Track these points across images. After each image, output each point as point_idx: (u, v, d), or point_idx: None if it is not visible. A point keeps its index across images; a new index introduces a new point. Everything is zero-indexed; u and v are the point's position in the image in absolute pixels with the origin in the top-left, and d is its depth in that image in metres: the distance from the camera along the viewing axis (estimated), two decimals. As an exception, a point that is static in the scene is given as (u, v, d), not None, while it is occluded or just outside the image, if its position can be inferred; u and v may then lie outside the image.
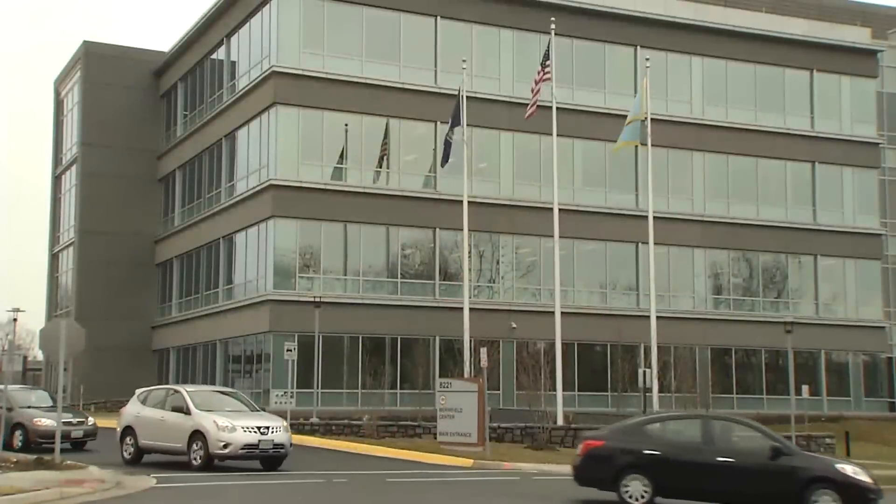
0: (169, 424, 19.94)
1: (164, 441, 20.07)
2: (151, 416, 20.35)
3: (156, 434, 20.15)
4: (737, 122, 43.15)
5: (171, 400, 20.52)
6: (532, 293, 40.01)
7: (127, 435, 20.69)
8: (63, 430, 20.85)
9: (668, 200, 40.78)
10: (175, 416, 19.90)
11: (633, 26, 41.74)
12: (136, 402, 21.18)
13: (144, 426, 20.36)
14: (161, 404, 20.57)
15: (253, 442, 19.14)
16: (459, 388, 25.76)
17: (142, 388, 22.31)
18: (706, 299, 42.84)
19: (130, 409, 21.07)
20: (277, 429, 19.64)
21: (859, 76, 45.27)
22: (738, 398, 41.80)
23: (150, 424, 20.26)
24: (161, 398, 20.89)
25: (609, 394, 38.77)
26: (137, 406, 20.94)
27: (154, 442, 20.27)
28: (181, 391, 20.64)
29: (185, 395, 20.25)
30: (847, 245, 44.07)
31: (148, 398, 21.18)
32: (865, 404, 43.56)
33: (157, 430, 20.12)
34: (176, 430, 19.70)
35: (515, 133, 39.39)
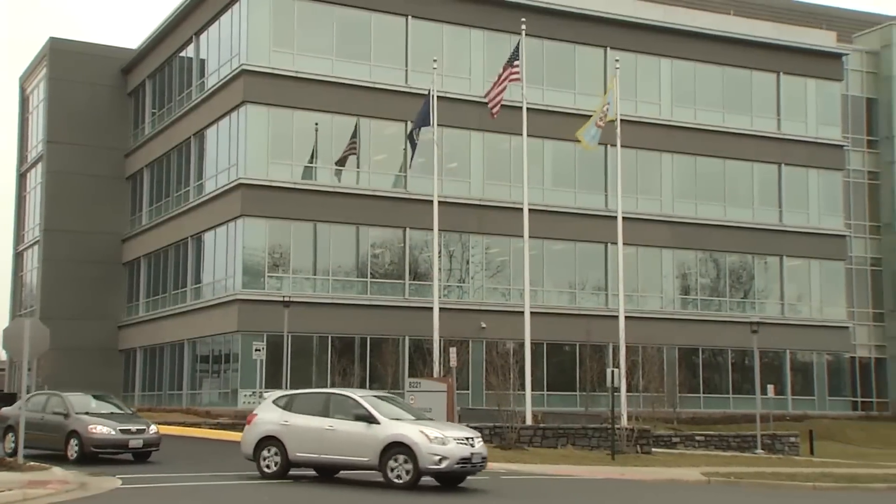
0: (344, 435, 17.07)
1: (334, 454, 17.22)
2: (310, 425, 17.37)
3: (319, 446, 17.25)
4: (705, 124, 43.54)
5: (337, 406, 17.62)
6: (502, 293, 40.12)
7: (267, 446, 17.66)
8: (120, 440, 20.53)
9: (637, 201, 41.05)
10: (351, 424, 17.09)
11: (603, 28, 41.98)
12: (275, 407, 18.09)
13: (298, 436, 17.40)
14: (323, 411, 17.58)
15: (466, 455, 16.88)
16: (429, 387, 25.79)
17: (276, 392, 19.52)
18: (674, 299, 43.19)
19: (268, 415, 17.95)
20: (479, 440, 17.61)
21: (825, 79, 45.84)
22: (704, 397, 42.20)
23: (307, 434, 17.34)
24: (319, 403, 17.87)
25: (578, 393, 38.98)
26: (279, 412, 17.85)
27: (317, 455, 17.37)
28: (353, 396, 17.80)
29: (363, 401, 17.48)
30: (812, 246, 44.62)
31: (294, 403, 18.06)
32: (829, 403, 44.11)
33: (322, 441, 17.23)
34: (357, 441, 16.95)
35: (486, 133, 39.50)
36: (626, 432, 27.72)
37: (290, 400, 18.26)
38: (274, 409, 18.03)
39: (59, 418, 21.21)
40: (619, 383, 28.32)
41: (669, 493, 19.41)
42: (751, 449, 31.59)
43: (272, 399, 18.49)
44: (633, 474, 21.93)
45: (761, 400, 34.95)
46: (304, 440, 17.37)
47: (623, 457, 25.55)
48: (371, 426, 16.96)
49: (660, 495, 19.00)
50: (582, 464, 23.78)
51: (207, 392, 38.97)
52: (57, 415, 21.36)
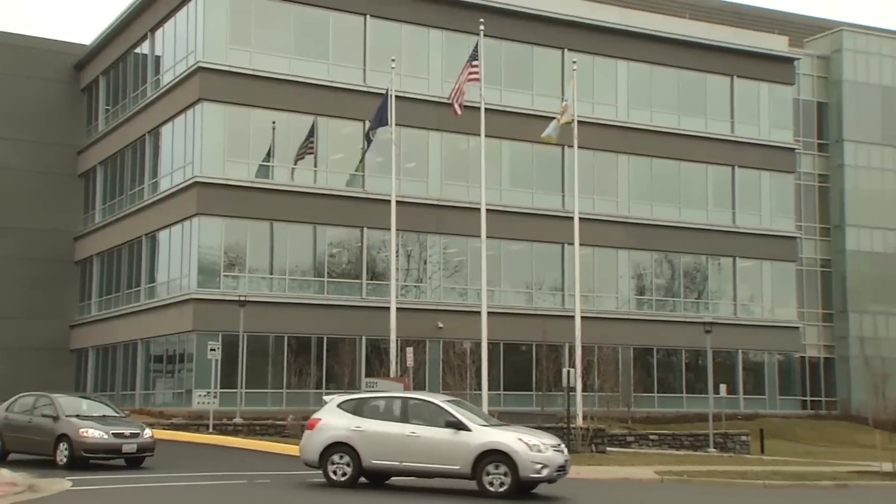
0: (430, 442, 16.43)
1: (417, 462, 16.55)
2: (388, 431, 16.71)
3: (400, 453, 16.57)
4: (660, 126, 44.00)
5: (417, 411, 16.99)
6: (459, 293, 40.20)
7: (336, 452, 16.85)
8: (113, 444, 19.69)
9: (594, 202, 41.38)
10: (437, 431, 16.45)
11: (561, 29, 42.25)
12: (342, 411, 17.21)
13: (374, 442, 16.68)
14: (401, 416, 16.96)
15: (562, 463, 16.59)
16: (385, 387, 25.75)
17: (339, 395, 18.26)
18: (629, 300, 43.60)
19: (334, 420, 17.10)
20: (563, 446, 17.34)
21: (777, 83, 46.57)
22: (659, 397, 42.67)
23: (386, 441, 16.66)
24: (396, 408, 17.24)
25: (534, 393, 39.18)
26: (348, 417, 17.01)
27: (397, 462, 16.67)
28: (435, 402, 17.22)
29: (449, 407, 16.91)
30: (764, 247, 45.31)
31: (364, 407, 17.26)
32: (780, 402, 44.83)
33: (403, 448, 16.53)
34: (446, 449, 16.32)
35: (444, 133, 39.56)
36: (581, 432, 27.96)
37: (359, 404, 17.39)
38: (341, 414, 17.14)
39: (48, 421, 20.18)
40: (574, 383, 28.52)
41: (623, 492, 19.59)
42: (703, 448, 32.01)
43: (336, 403, 17.50)
44: (587, 473, 22.10)
45: (714, 399, 35.43)
46: (382, 447, 16.67)
47: (578, 456, 25.71)
48: (460, 433, 16.40)
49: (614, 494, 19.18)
50: (537, 463, 23.86)
51: (161, 392, 38.55)
52: (46, 417, 20.34)
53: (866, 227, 48.76)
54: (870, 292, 48.39)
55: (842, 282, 48.58)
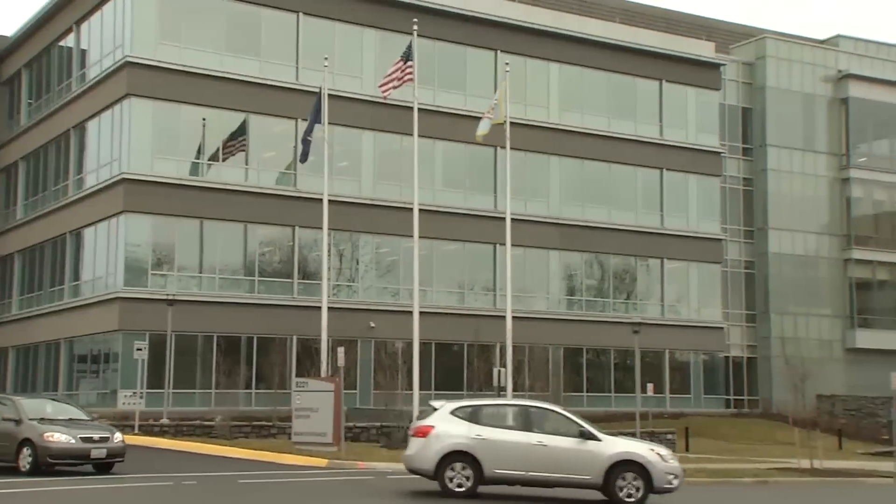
0: (559, 451, 16.38)
1: (545, 471, 16.39)
2: (513, 440, 16.50)
3: (526, 462, 16.37)
4: (591, 128, 44.56)
5: (541, 420, 16.88)
6: (391, 293, 40.15)
7: (456, 461, 16.33)
8: (81, 449, 18.74)
9: (526, 203, 41.70)
10: (564, 440, 16.47)
11: (494, 31, 42.49)
12: (458, 419, 16.75)
13: (497, 451, 16.35)
14: (523, 425, 16.73)
15: (679, 472, 16.91)
16: (316, 387, 25.60)
17: (451, 402, 17.48)
18: (560, 300, 44.07)
19: (451, 428, 16.57)
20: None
21: (704, 88, 47.52)
22: (588, 396, 43.20)
23: (510, 450, 16.41)
24: (517, 416, 16.95)
25: (465, 393, 39.26)
26: (465, 425, 16.60)
27: (523, 472, 16.44)
28: (559, 410, 17.33)
29: (575, 417, 17.11)
30: (691, 249, 46.21)
31: (481, 415, 16.86)
32: (705, 401, 45.79)
33: (530, 457, 16.35)
34: (577, 458, 16.36)
35: (377, 132, 39.49)
36: (511, 431, 28.10)
37: (475, 412, 16.96)
38: (458, 422, 16.66)
39: (10, 425, 19.06)
40: (505, 383, 28.73)
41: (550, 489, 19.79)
42: (631, 446, 32.45)
43: (449, 410, 16.91)
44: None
45: (641, 398, 36.06)
46: (507, 456, 16.37)
47: (508, 455, 25.90)
48: (588, 442, 16.45)
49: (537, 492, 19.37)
50: (468, 462, 23.96)
51: (85, 393, 37.67)
52: (6, 421, 19.21)
53: (788, 230, 50.09)
54: (791, 294, 49.71)
55: (764, 283, 49.80)
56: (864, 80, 51.62)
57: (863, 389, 46.93)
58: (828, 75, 51.62)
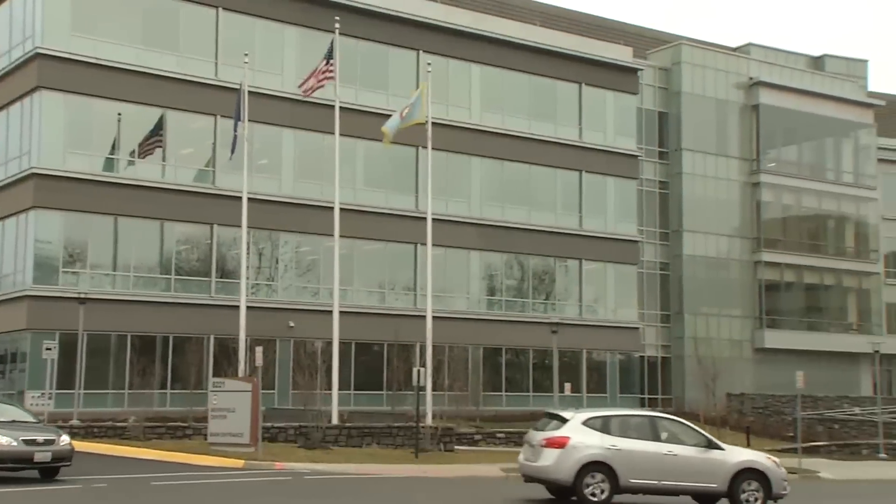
0: (687, 461, 16.98)
1: (675, 480, 16.96)
2: (646, 450, 16.90)
3: (658, 472, 16.86)
4: (512, 130, 44.98)
5: (666, 430, 17.44)
6: (311, 292, 39.89)
7: (593, 471, 16.59)
8: (24, 452, 17.73)
9: (447, 203, 41.87)
10: (691, 450, 17.07)
11: (416, 31, 42.56)
12: (591, 430, 17.01)
13: (632, 461, 16.74)
14: (652, 435, 17.18)
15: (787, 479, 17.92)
16: (233, 387, 25.30)
17: (581, 412, 17.70)
18: (480, 300, 44.37)
19: (586, 439, 16.84)
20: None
21: (622, 92, 48.38)
22: (507, 396, 43.62)
23: (644, 460, 16.83)
24: (644, 427, 17.34)
25: (385, 392, 39.33)
26: (598, 436, 16.90)
27: (655, 481, 16.93)
28: (682, 421, 18.12)
29: (697, 427, 18.07)
30: (608, 250, 47.02)
31: (609, 425, 17.20)
32: (620, 400, 46.59)
33: (662, 467, 16.86)
34: (704, 467, 16.96)
35: (298, 131, 39.18)
36: (430, 431, 28.28)
37: (606, 422, 17.25)
38: (591, 433, 16.92)
39: None
40: (424, 382, 28.81)
41: (468, 489, 19.97)
42: (548, 444, 32.88)
43: (581, 421, 17.13)
44: (435, 471, 22.42)
45: (559, 398, 36.57)
46: (640, 466, 16.75)
47: (427, 454, 26.07)
48: (712, 451, 17.11)
49: (459, 491, 19.51)
50: (386, 462, 24.07)
51: (-8, 394, 36.46)
52: None
53: (701, 233, 51.35)
54: (703, 295, 50.97)
55: (678, 284, 50.94)
56: (774, 88, 53.24)
57: (770, 388, 48.42)
58: (740, 82, 53.09)
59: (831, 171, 55.99)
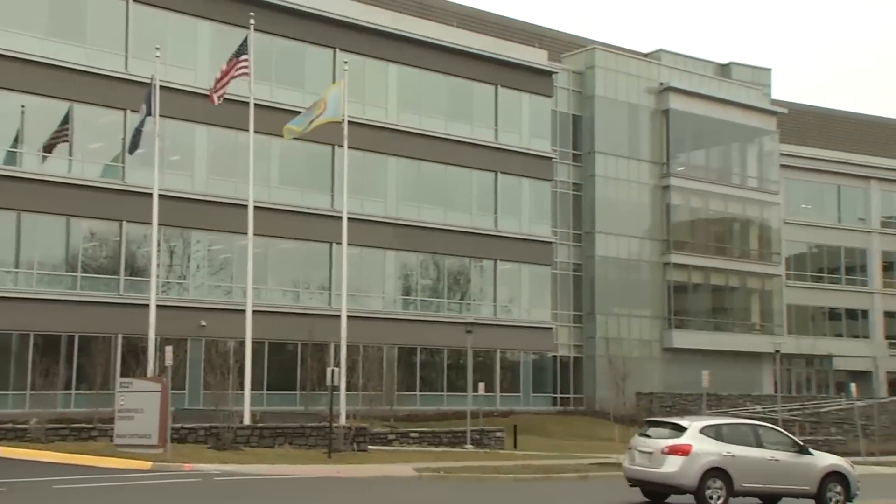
0: (786, 466, 18.31)
1: (777, 484, 18.36)
2: (754, 456, 18.14)
3: (765, 477, 18.14)
4: (429, 130, 45.11)
5: (767, 437, 18.76)
6: (224, 291, 39.32)
7: (713, 477, 17.68)
8: None
9: (363, 202, 41.76)
10: (787, 455, 18.46)
11: (333, 29, 42.33)
12: (708, 438, 18.06)
13: (744, 467, 17.92)
14: (756, 441, 18.42)
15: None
16: (141, 387, 24.76)
17: (697, 421, 18.81)
18: (395, 300, 44.38)
19: (706, 446, 17.88)
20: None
21: (537, 94, 48.98)
22: (421, 395, 43.74)
23: (754, 465, 18.05)
24: (748, 434, 18.57)
25: (298, 392, 39.01)
26: (715, 443, 17.99)
27: (761, 485, 18.26)
28: (777, 428, 19.92)
29: (790, 434, 19.68)
30: (523, 251, 47.55)
31: (721, 433, 18.29)
32: (533, 399, 47.24)
33: (767, 472, 18.13)
34: (799, 471, 18.41)
35: (211, 127, 38.56)
36: (343, 431, 28.15)
37: (718, 430, 18.35)
38: (708, 441, 17.98)
39: None
40: (338, 382, 28.66)
41: (381, 489, 19.98)
42: (461, 444, 33.16)
43: (698, 429, 18.17)
44: (348, 472, 22.35)
45: (472, 397, 36.83)
46: (751, 471, 17.94)
47: (340, 455, 25.96)
48: (804, 456, 18.59)
49: (372, 491, 19.51)
50: (298, 463, 23.89)
51: None
52: None
53: (613, 235, 52.33)
54: (615, 295, 51.95)
55: (591, 285, 51.81)
56: (683, 94, 54.60)
57: (678, 387, 49.67)
58: (651, 87, 54.28)
59: (737, 176, 57.70)
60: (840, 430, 44.34)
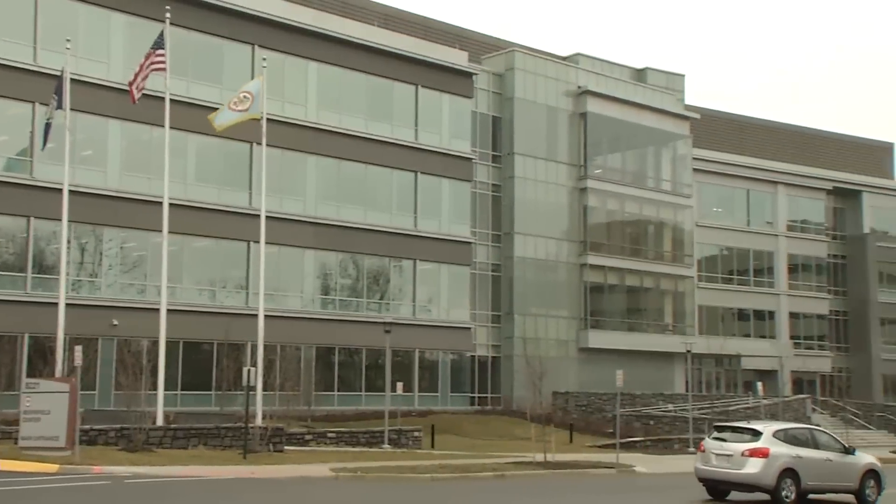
0: (837, 465, 20.81)
1: (830, 481, 20.86)
2: (814, 457, 20.57)
3: (821, 475, 20.56)
4: (349, 129, 44.91)
5: (819, 439, 21.25)
6: (138, 289, 38.50)
7: (786, 477, 19.91)
8: None
9: (282, 201, 41.37)
10: (836, 455, 20.95)
11: (252, 25, 41.82)
12: (778, 441, 20.30)
13: (809, 468, 20.26)
14: (813, 444, 20.94)
15: None
16: (48, 388, 24.11)
17: (770, 425, 21.39)
18: (314, 299, 44.08)
19: (779, 449, 20.11)
20: None
21: (457, 95, 49.18)
22: (339, 395, 43.54)
23: (815, 466, 20.44)
24: (806, 437, 21.19)
25: (214, 393, 38.46)
26: (784, 446, 20.25)
27: (820, 483, 20.69)
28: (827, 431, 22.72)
29: (837, 437, 22.39)
30: (442, 251, 47.71)
31: (787, 437, 20.69)
32: (451, 399, 47.44)
33: (823, 470, 20.58)
34: (845, 470, 20.84)
35: (125, 122, 37.71)
36: (259, 431, 27.87)
37: (786, 434, 20.67)
38: (779, 444, 20.17)
39: None
40: (255, 382, 28.36)
41: (297, 490, 19.84)
42: (379, 444, 33.14)
43: (771, 433, 20.38)
44: (263, 473, 22.13)
45: (391, 397, 36.82)
46: (813, 471, 20.22)
47: (255, 456, 25.69)
48: (848, 456, 21.09)
49: (287, 492, 19.36)
50: (212, 464, 23.56)
51: None
52: None
53: (532, 236, 52.89)
54: (533, 296, 52.53)
55: (509, 286, 52.28)
56: (600, 97, 55.50)
57: (593, 386, 50.46)
58: (569, 90, 55.02)
59: (651, 179, 58.91)
60: (748, 428, 45.54)
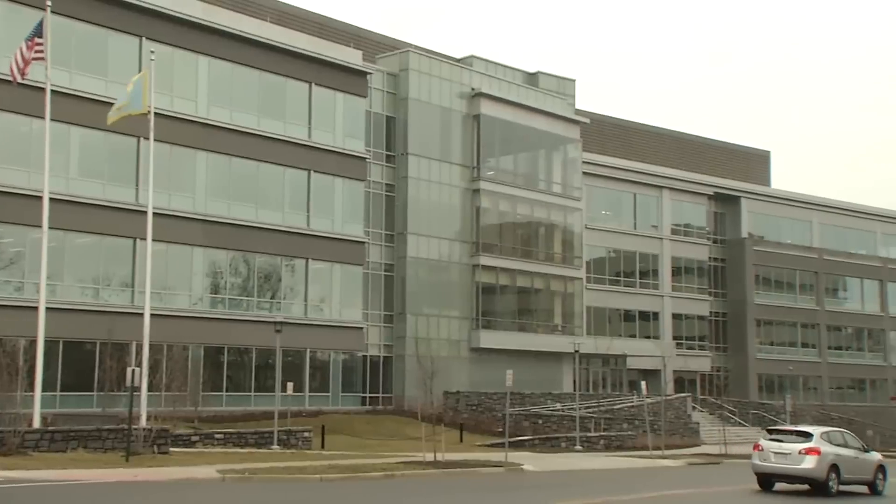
0: (862, 461, 25.54)
1: (857, 474, 25.41)
2: (849, 455, 25.16)
3: (852, 470, 25.08)
4: (241, 126, 44.23)
5: (844, 439, 25.88)
6: (15, 287, 37.03)
7: (832, 472, 24.32)
8: None
9: (170, 197, 40.45)
10: (858, 453, 25.61)
11: (139, 16, 40.75)
12: (824, 441, 24.74)
13: (845, 463, 24.80)
14: (843, 443, 25.49)
15: None
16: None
17: (816, 428, 26.47)
18: (203, 298, 43.25)
19: (826, 448, 24.56)
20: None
21: (351, 94, 49.02)
22: (227, 395, 42.84)
23: (850, 462, 25.02)
24: (838, 438, 25.80)
25: (95, 394, 37.32)
26: (828, 445, 24.75)
27: (852, 475, 25.11)
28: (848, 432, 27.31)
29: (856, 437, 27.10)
30: (335, 250, 47.48)
31: (830, 438, 25.28)
32: (342, 399, 47.26)
33: (854, 466, 25.18)
34: (864, 465, 25.64)
35: (2, 113, 36.23)
36: (143, 433, 27.23)
37: (829, 436, 25.40)
38: (825, 444, 24.71)
39: None
40: (139, 383, 27.68)
41: (181, 493, 19.47)
42: (268, 445, 32.78)
43: (819, 435, 24.98)
44: (146, 475, 21.63)
45: (281, 397, 36.45)
46: (847, 466, 24.82)
47: (139, 458, 25.09)
48: (865, 453, 25.89)
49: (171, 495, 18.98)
50: (93, 467, 22.90)
51: None
52: None
53: (424, 236, 53.13)
54: (425, 296, 52.76)
55: (402, 285, 52.37)
56: (494, 100, 56.16)
57: (484, 386, 51.06)
58: (463, 92, 55.50)
59: (543, 182, 59.96)
60: (631, 426, 46.89)
